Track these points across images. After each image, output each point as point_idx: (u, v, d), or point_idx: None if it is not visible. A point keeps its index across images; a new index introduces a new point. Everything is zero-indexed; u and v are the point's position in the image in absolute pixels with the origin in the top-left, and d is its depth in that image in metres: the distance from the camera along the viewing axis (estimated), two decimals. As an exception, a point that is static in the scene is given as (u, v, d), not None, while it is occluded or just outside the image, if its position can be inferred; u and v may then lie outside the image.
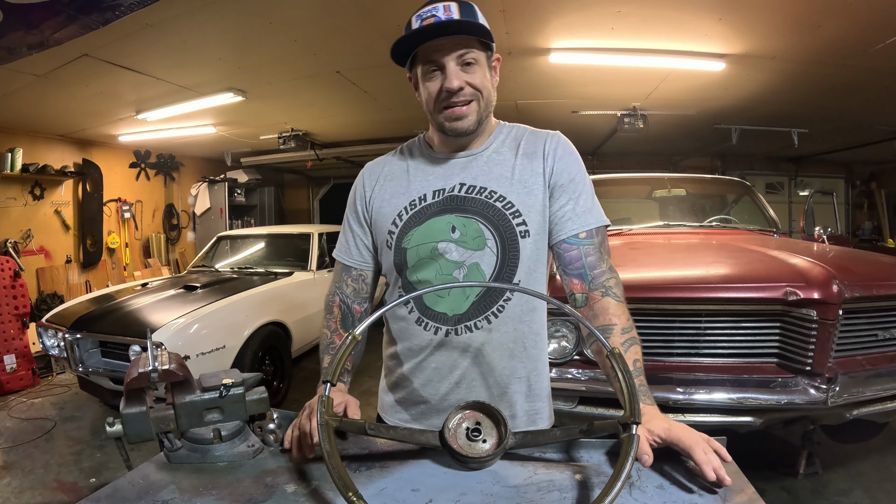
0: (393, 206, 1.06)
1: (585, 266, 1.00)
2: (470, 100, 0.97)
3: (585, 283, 1.00)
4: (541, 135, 1.07)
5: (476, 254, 1.00)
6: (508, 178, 1.02)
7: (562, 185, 1.02)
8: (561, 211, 1.01)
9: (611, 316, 0.96)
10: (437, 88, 0.96)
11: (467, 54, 0.95)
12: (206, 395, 0.82)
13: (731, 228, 3.38)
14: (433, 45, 0.94)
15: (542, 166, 1.02)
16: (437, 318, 1.02)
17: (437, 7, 0.94)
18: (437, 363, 1.04)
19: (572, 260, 1.01)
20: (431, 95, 0.98)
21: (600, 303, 0.98)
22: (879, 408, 1.96)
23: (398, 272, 1.05)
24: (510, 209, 1.00)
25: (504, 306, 1.02)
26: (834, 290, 1.90)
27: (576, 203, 1.01)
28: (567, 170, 1.02)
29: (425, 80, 0.98)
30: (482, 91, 0.98)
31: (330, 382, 0.74)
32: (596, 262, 1.00)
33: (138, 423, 0.78)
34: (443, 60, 0.95)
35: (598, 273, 1.00)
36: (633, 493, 0.72)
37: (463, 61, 0.95)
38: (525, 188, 1.01)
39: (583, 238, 1.00)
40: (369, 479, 0.78)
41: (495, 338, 1.02)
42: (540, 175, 1.02)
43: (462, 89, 0.95)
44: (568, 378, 2.10)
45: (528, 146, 1.05)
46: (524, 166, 1.03)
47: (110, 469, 2.82)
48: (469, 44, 0.95)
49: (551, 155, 1.03)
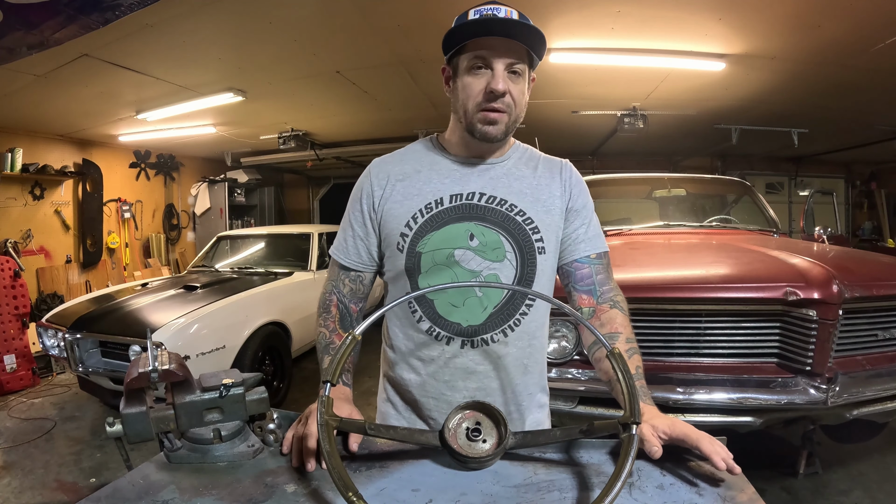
0: (406, 208, 1.01)
1: (595, 283, 1.04)
2: (505, 110, 0.95)
3: (594, 298, 1.03)
4: (555, 161, 1.11)
5: (495, 265, 0.99)
6: (528, 195, 1.03)
7: (576, 211, 1.06)
8: (575, 233, 1.05)
9: (617, 325, 0.99)
10: (482, 87, 0.93)
11: (517, 63, 0.93)
12: (206, 395, 0.82)
13: (731, 228, 3.38)
14: (487, 42, 0.92)
15: (559, 190, 1.05)
16: (451, 329, 1.00)
17: (500, 9, 0.92)
18: (450, 377, 1.02)
19: (583, 277, 1.04)
20: (473, 92, 0.94)
21: (608, 314, 1.00)
22: (879, 408, 1.96)
23: (408, 276, 1.01)
24: (530, 224, 1.01)
25: (521, 320, 1.01)
26: (834, 290, 1.90)
27: (587, 228, 1.06)
28: (581, 197, 1.07)
29: (468, 74, 0.94)
30: (517, 104, 0.96)
31: (330, 382, 0.74)
32: (605, 279, 1.05)
33: (138, 423, 0.78)
34: (492, 60, 0.92)
35: (606, 289, 1.04)
36: (633, 493, 0.72)
37: (511, 69, 0.93)
38: (544, 207, 1.03)
39: (594, 259, 1.05)
40: (369, 479, 0.78)
41: (511, 353, 1.01)
42: (558, 198, 1.05)
43: (504, 95, 0.93)
44: (568, 378, 2.10)
45: (545, 170, 1.07)
46: (542, 187, 1.05)
47: (110, 469, 2.83)
48: (521, 54, 0.93)
49: (568, 181, 1.07)
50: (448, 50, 0.96)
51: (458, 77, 0.97)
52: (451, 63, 0.98)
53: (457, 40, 0.94)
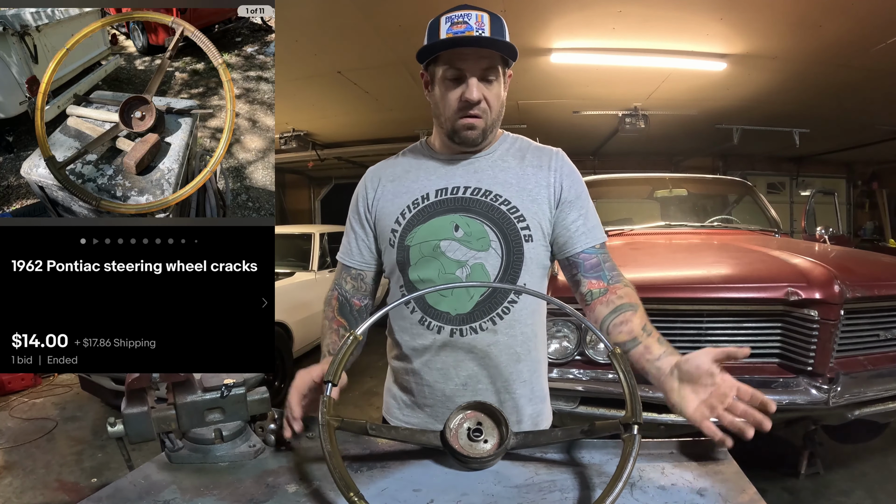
0: (395, 206, 1.07)
1: (604, 269, 1.04)
2: (481, 115, 0.99)
3: (604, 281, 1.03)
4: (545, 150, 1.10)
5: (480, 254, 1.02)
6: (513, 184, 1.04)
7: (570, 202, 1.05)
8: (573, 225, 1.05)
9: (633, 297, 1.00)
10: (458, 97, 0.98)
11: (489, 70, 0.97)
12: (207, 395, 0.82)
13: (733, 228, 3.37)
14: (459, 53, 0.96)
15: (547, 179, 1.05)
16: (441, 318, 1.02)
17: (470, 15, 0.95)
18: (442, 364, 1.04)
19: (592, 266, 1.05)
20: (450, 102, 0.99)
21: (623, 289, 1.02)
22: (881, 408, 1.96)
23: (400, 270, 1.06)
24: (515, 213, 1.02)
25: (509, 308, 1.02)
26: (835, 291, 1.90)
27: (586, 219, 1.06)
28: (574, 187, 1.06)
29: (444, 84, 0.99)
30: (492, 108, 1.00)
31: (331, 382, 0.75)
32: (612, 266, 1.06)
33: (140, 423, 0.79)
34: (465, 70, 0.96)
35: (615, 273, 1.05)
36: (635, 493, 0.72)
37: (484, 76, 0.97)
38: (530, 196, 1.04)
39: (599, 248, 1.06)
40: (370, 479, 0.78)
41: (501, 340, 1.03)
42: (545, 187, 1.05)
43: (479, 102, 0.97)
44: (569, 378, 2.09)
45: (533, 158, 1.07)
46: (529, 176, 1.05)
47: (111, 469, 2.83)
48: (493, 60, 0.97)
49: (558, 171, 1.06)
50: (422, 59, 1.01)
51: (434, 85, 1.02)
52: (428, 70, 1.02)
53: (428, 51, 0.98)
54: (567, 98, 4.94)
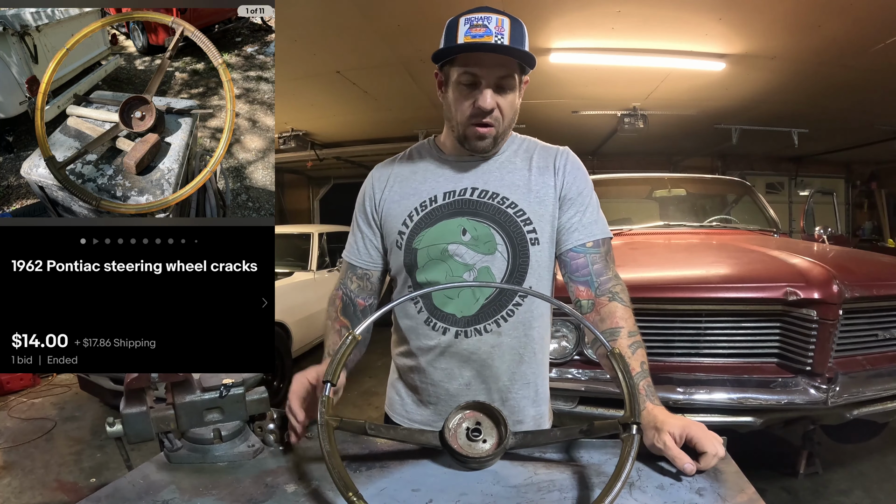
0: (403, 208, 1.05)
1: (592, 273, 1.02)
2: (493, 124, 0.97)
3: (591, 290, 1.01)
4: (552, 150, 1.09)
5: (487, 258, 1.01)
6: (521, 186, 1.03)
7: (570, 199, 1.04)
8: (569, 222, 1.03)
9: (618, 319, 0.97)
10: (471, 103, 0.96)
11: (506, 78, 0.95)
12: (206, 395, 0.82)
13: (732, 228, 3.37)
14: (476, 58, 0.94)
15: (553, 180, 1.04)
16: (446, 319, 1.02)
17: (490, 18, 0.92)
18: (447, 364, 1.04)
19: (579, 267, 1.03)
20: (463, 107, 0.97)
21: (607, 307, 0.99)
22: (880, 408, 1.96)
23: (408, 272, 1.05)
24: (521, 216, 1.02)
25: (514, 311, 1.02)
26: (834, 290, 1.90)
27: (583, 215, 1.04)
28: (576, 184, 1.05)
29: (458, 88, 0.97)
30: (505, 116, 0.98)
31: (330, 382, 0.75)
32: (602, 269, 1.02)
33: (138, 423, 0.79)
34: (481, 77, 0.94)
35: (604, 280, 1.01)
36: (634, 493, 0.72)
37: (499, 84, 0.95)
38: (537, 198, 1.03)
39: (589, 247, 1.03)
40: (369, 479, 0.78)
41: (505, 342, 1.03)
42: (551, 188, 1.04)
43: (492, 111, 0.95)
44: (568, 378, 2.10)
45: (540, 160, 1.06)
46: (537, 178, 1.04)
47: (110, 469, 2.83)
48: (510, 68, 0.94)
49: (562, 170, 1.05)
50: (438, 59, 0.99)
51: (448, 87, 0.99)
52: (443, 70, 1.00)
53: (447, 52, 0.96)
54: (566, 98, 4.94)
